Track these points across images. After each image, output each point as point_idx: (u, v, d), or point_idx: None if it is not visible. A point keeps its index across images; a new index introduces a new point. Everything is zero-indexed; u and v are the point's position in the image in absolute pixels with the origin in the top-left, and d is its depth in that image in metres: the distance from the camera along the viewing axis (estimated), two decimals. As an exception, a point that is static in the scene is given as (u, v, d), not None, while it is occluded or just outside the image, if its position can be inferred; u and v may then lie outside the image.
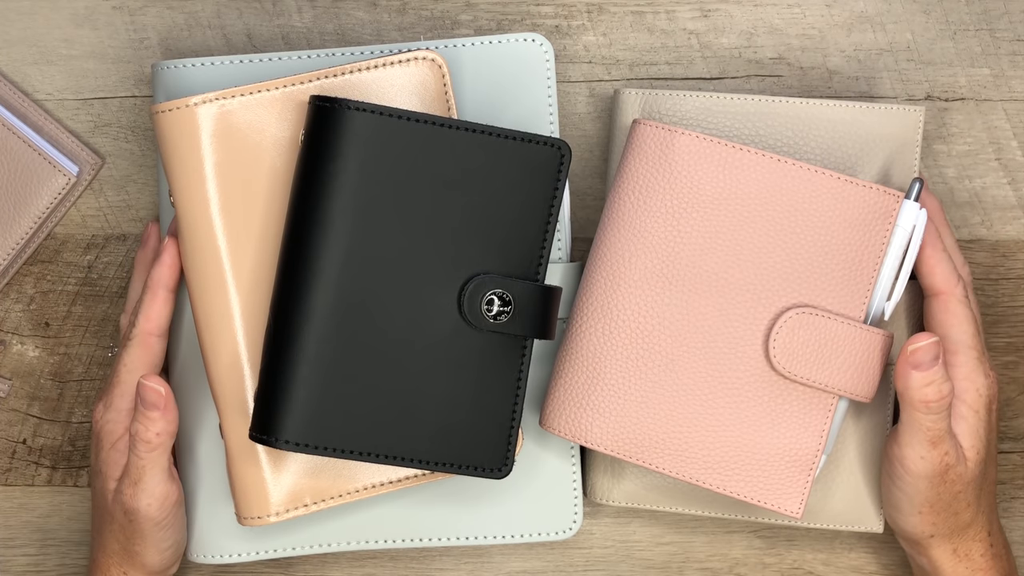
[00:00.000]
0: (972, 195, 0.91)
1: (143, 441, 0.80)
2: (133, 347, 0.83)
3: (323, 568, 0.92)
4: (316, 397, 0.78)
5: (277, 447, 0.78)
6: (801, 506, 0.83)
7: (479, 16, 0.91)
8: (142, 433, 0.80)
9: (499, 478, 0.81)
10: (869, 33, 0.91)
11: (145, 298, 0.83)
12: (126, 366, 0.83)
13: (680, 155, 0.82)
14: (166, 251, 0.82)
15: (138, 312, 0.83)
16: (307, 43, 0.90)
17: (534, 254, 0.81)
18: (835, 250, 0.82)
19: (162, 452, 0.81)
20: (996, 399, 0.84)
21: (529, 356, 0.81)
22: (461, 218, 0.80)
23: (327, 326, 0.78)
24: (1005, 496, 0.92)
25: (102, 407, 0.83)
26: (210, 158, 0.81)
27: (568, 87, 0.91)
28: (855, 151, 0.86)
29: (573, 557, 0.92)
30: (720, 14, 0.91)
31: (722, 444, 0.82)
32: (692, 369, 0.82)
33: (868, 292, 0.82)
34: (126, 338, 0.83)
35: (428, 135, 0.79)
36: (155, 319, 0.82)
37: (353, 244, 0.78)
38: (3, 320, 0.91)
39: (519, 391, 0.82)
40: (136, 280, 0.87)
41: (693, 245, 0.82)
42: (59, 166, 0.90)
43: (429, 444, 0.80)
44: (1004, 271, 0.91)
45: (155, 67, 0.86)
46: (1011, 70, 0.91)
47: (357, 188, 0.78)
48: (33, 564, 0.92)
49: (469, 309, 0.80)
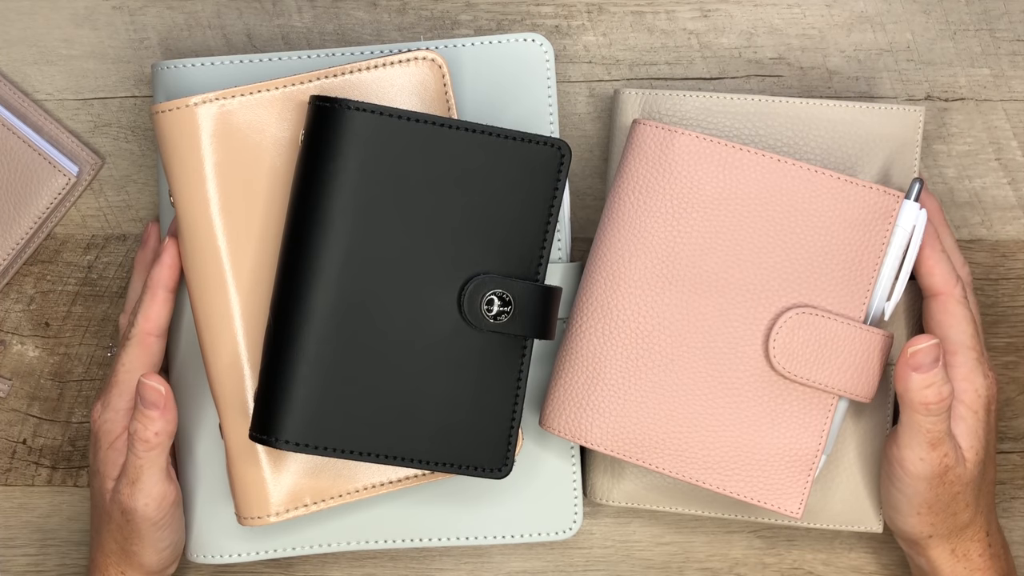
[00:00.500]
0: (972, 195, 0.91)
1: (142, 440, 0.80)
2: (132, 347, 0.83)
3: (323, 568, 0.92)
4: (316, 397, 0.78)
5: (277, 447, 0.78)
6: (801, 506, 0.83)
7: (479, 16, 0.91)
8: (141, 432, 0.80)
9: (499, 478, 0.81)
10: (869, 33, 0.91)
11: (144, 298, 0.83)
12: (124, 366, 0.83)
13: (680, 155, 0.82)
14: (166, 251, 0.82)
15: (137, 312, 0.83)
16: (307, 43, 0.90)
17: (534, 254, 0.81)
18: (835, 250, 0.82)
19: (160, 452, 0.81)
20: (995, 399, 0.84)
21: (529, 356, 0.81)
22: (461, 218, 0.80)
23: (327, 326, 0.78)
24: (1005, 496, 0.92)
25: (100, 406, 0.83)
26: (210, 158, 0.81)
27: (568, 87, 0.91)
28: (855, 151, 0.86)
29: (573, 557, 0.92)
30: (720, 14, 0.91)
31: (722, 444, 0.82)
32: (692, 369, 0.82)
33: (868, 292, 0.82)
34: (125, 338, 0.83)
35: (428, 135, 0.79)
36: (154, 319, 0.82)
37: (353, 244, 0.78)
38: (3, 320, 0.91)
39: (519, 391, 0.82)
40: (136, 280, 0.87)
41: (693, 245, 0.82)
42: (59, 166, 0.90)
43: (429, 444, 0.80)
44: (1004, 271, 0.91)
45: (155, 67, 0.86)
46: (1011, 70, 0.91)
47: (357, 188, 0.78)
48: (33, 564, 0.92)
49: (469, 309, 0.80)
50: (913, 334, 0.86)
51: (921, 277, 0.84)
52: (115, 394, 0.83)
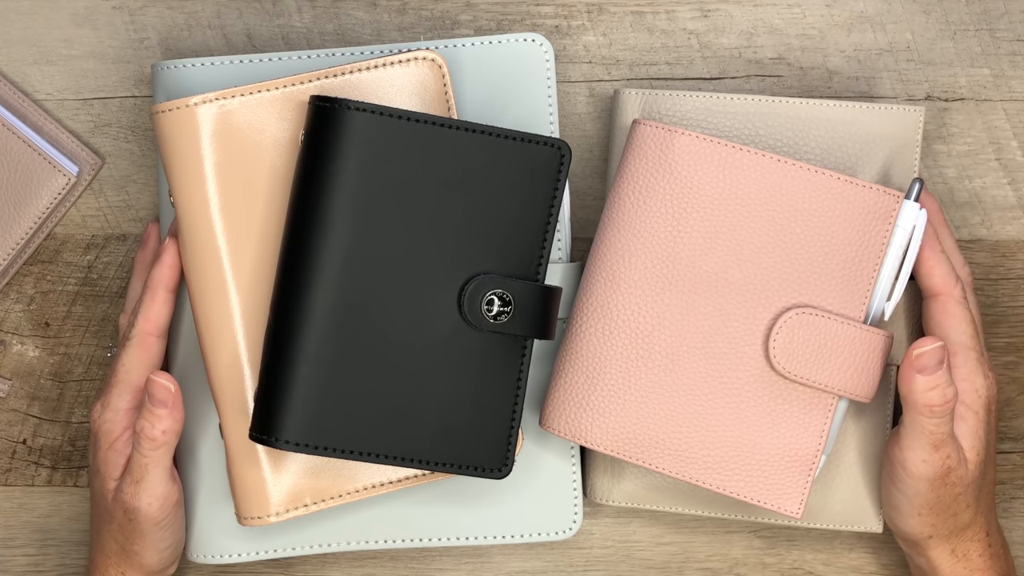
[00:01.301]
0: (972, 195, 0.91)
1: (148, 438, 0.80)
2: (132, 347, 0.83)
3: (323, 568, 0.92)
4: (316, 397, 0.78)
5: (277, 447, 0.78)
6: (801, 506, 0.83)
7: (479, 16, 0.91)
8: (148, 430, 0.80)
9: (499, 478, 0.81)
10: (869, 33, 0.91)
11: (145, 298, 0.83)
12: (124, 366, 0.83)
13: (680, 155, 0.82)
14: (166, 251, 0.82)
15: (138, 312, 0.83)
16: (307, 43, 0.90)
17: (534, 254, 0.81)
18: (835, 250, 0.82)
19: (166, 451, 0.81)
20: (995, 399, 0.84)
21: (529, 356, 0.82)
22: (461, 218, 0.80)
23: (327, 326, 0.78)
24: (1005, 496, 0.92)
25: (100, 407, 0.83)
26: (210, 158, 0.81)
27: (568, 87, 0.91)
28: (855, 151, 0.86)
29: (573, 557, 0.92)
30: (720, 14, 0.91)
31: (722, 444, 0.82)
32: (692, 369, 0.82)
33: (868, 292, 0.82)
34: (125, 338, 0.83)
35: (428, 135, 0.79)
36: (154, 319, 0.82)
37: (353, 244, 0.78)
38: (3, 320, 0.91)
39: (519, 391, 0.82)
40: (136, 281, 0.87)
41: (693, 245, 0.82)
42: (59, 166, 0.90)
43: (429, 444, 0.80)
44: (1004, 271, 0.91)
45: (155, 67, 0.86)
46: (1011, 70, 0.91)
47: (357, 188, 0.78)
48: (33, 564, 0.92)
49: (469, 309, 0.80)
50: (913, 334, 0.86)
51: (921, 278, 0.84)
52: (115, 394, 0.83)
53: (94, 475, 0.84)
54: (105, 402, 0.83)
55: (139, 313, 0.83)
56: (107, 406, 0.83)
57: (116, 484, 0.82)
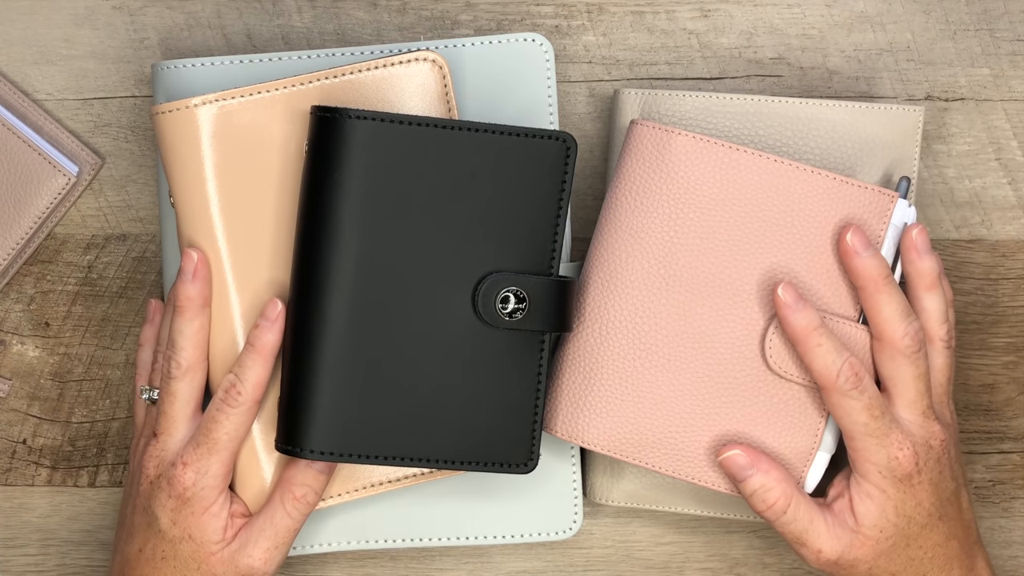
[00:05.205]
0: (972, 195, 0.91)
1: (306, 502, 0.81)
2: (238, 415, 0.80)
3: (323, 568, 0.92)
4: (339, 406, 0.78)
5: (303, 457, 0.78)
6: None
7: (479, 16, 0.90)
8: (310, 497, 0.81)
9: (525, 473, 0.81)
10: (869, 33, 0.91)
11: (254, 364, 0.80)
12: (228, 433, 0.80)
13: (677, 155, 0.82)
14: (280, 320, 0.80)
15: (243, 378, 0.80)
16: (307, 43, 0.90)
17: (546, 248, 0.81)
18: (831, 250, 0.82)
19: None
20: (951, 443, 0.81)
21: (548, 350, 0.81)
22: (470, 218, 0.79)
23: (344, 334, 0.78)
24: (1005, 496, 0.92)
25: (193, 472, 0.80)
26: (210, 159, 0.81)
27: (568, 87, 0.91)
28: (855, 151, 0.86)
29: (573, 557, 0.92)
30: (720, 14, 0.91)
31: (720, 444, 0.82)
32: (689, 369, 0.82)
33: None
34: (227, 404, 0.80)
35: (431, 138, 0.78)
36: (262, 387, 0.80)
37: (364, 251, 0.78)
38: (3, 320, 0.91)
39: (540, 386, 0.81)
40: (144, 352, 0.86)
41: (690, 246, 0.82)
42: (59, 166, 0.90)
43: (453, 444, 0.80)
44: (1004, 271, 0.92)
45: (155, 67, 0.85)
46: (1011, 70, 0.91)
47: (364, 195, 0.78)
48: (33, 564, 0.92)
49: (484, 308, 0.79)
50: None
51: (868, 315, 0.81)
52: (216, 461, 0.80)
53: (180, 540, 0.81)
54: (202, 468, 0.80)
55: (246, 380, 0.80)
56: (205, 472, 0.80)
57: (231, 546, 0.81)
